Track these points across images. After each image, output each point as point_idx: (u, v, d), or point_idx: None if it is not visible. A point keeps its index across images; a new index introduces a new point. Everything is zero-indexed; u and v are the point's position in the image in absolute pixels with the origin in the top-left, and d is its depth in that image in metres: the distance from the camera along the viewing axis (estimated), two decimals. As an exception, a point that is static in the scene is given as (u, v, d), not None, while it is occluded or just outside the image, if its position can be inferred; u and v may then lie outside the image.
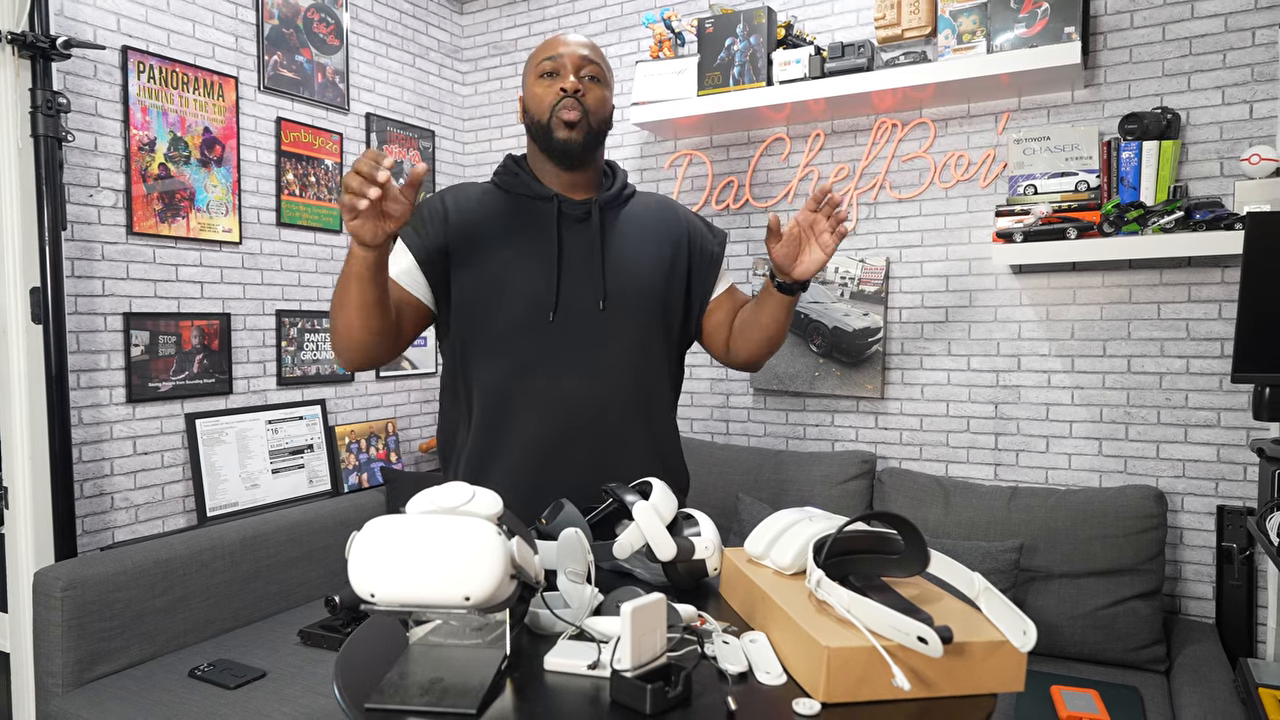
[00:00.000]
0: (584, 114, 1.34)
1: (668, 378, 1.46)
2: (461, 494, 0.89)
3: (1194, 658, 1.80)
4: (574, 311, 1.35)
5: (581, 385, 1.34)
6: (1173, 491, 2.06)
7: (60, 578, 1.79)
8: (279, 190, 2.48)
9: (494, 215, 1.39)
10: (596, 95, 1.36)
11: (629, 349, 1.37)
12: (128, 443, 2.11)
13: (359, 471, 2.70)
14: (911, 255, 2.36)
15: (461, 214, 1.38)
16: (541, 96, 1.35)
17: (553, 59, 1.35)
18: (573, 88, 1.33)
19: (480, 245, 1.36)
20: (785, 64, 2.31)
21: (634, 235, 1.42)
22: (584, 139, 1.35)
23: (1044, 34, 2.01)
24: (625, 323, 1.37)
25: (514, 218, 1.38)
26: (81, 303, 2.01)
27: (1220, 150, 1.99)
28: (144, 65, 2.12)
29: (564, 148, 1.35)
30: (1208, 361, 2.02)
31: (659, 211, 1.47)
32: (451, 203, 1.39)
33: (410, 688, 0.84)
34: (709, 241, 1.50)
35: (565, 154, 1.36)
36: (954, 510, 2.08)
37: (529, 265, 1.35)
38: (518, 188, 1.40)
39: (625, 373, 1.37)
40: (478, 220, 1.37)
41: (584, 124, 1.34)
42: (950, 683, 0.83)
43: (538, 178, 1.41)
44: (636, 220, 1.44)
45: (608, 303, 1.36)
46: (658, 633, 0.85)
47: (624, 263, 1.39)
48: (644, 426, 1.40)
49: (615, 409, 1.36)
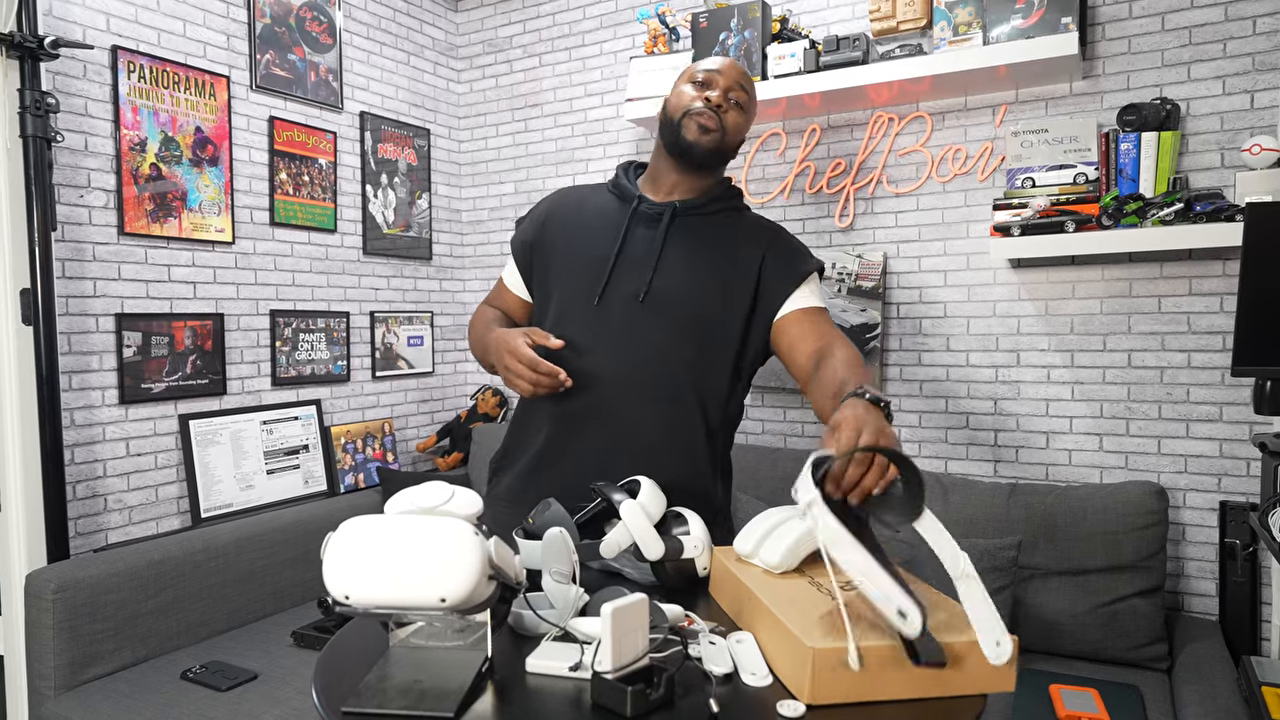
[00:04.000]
0: (720, 129, 1.40)
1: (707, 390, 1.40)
2: (440, 494, 0.87)
3: (1196, 656, 1.78)
4: (617, 301, 1.39)
5: (609, 367, 1.37)
6: (1174, 487, 2.04)
7: (52, 580, 1.78)
8: (272, 190, 2.47)
9: (582, 206, 1.50)
10: (736, 118, 1.42)
11: (661, 344, 1.38)
12: (120, 444, 2.10)
13: (355, 472, 2.68)
14: (909, 250, 2.34)
15: (555, 210, 1.52)
16: (683, 95, 1.42)
17: (708, 71, 1.42)
18: (717, 102, 1.39)
19: (558, 237, 1.48)
20: (780, 58, 2.29)
21: (702, 244, 1.42)
22: (710, 148, 1.40)
23: (1041, 25, 1.99)
24: (662, 320, 1.39)
25: (599, 214, 1.47)
26: (73, 304, 2.00)
27: (1221, 141, 1.97)
28: (134, 65, 2.11)
29: (690, 147, 1.39)
30: (1209, 355, 2.00)
31: (745, 231, 1.45)
32: (553, 200, 1.55)
33: (389, 690, 0.83)
34: (790, 263, 1.44)
35: (688, 154, 1.40)
36: (953, 507, 2.06)
37: (591, 254, 1.43)
38: (613, 187, 1.50)
39: (653, 365, 1.38)
40: (564, 215, 1.50)
41: (719, 138, 1.40)
42: (938, 683, 0.81)
43: (648, 179, 1.49)
44: (713, 233, 1.44)
45: (649, 297, 1.38)
46: (640, 634, 0.83)
47: (679, 264, 1.40)
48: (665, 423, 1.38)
49: (636, 396, 1.37)
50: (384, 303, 2.85)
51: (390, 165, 2.86)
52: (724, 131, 1.40)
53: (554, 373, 1.26)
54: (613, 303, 1.39)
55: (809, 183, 2.47)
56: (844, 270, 2.40)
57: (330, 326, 2.65)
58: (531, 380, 1.26)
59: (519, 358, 1.27)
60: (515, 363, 1.27)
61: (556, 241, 1.48)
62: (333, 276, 2.67)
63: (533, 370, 1.26)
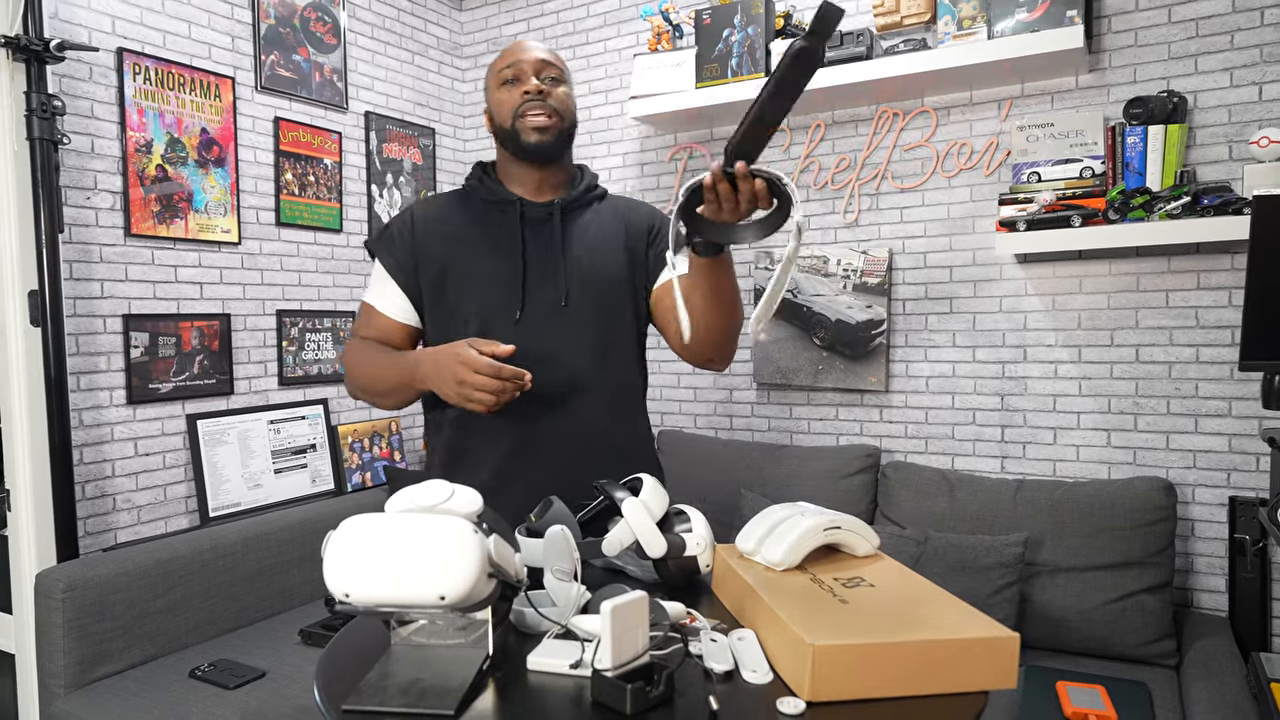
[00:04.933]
0: (552, 113, 1.37)
1: (636, 372, 1.47)
2: (440, 492, 0.87)
3: (1205, 652, 1.77)
4: (539, 311, 1.36)
5: (549, 381, 1.34)
6: (1183, 483, 2.03)
7: (61, 579, 1.79)
8: (278, 190, 2.48)
9: (459, 222, 1.42)
10: (561, 92, 1.39)
11: (593, 344, 1.38)
12: (129, 444, 2.12)
13: (362, 470, 2.69)
14: (914, 246, 2.33)
15: (427, 225, 1.42)
16: (505, 102, 1.38)
17: (512, 66, 1.38)
18: (536, 89, 1.35)
19: (446, 253, 1.39)
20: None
21: (596, 235, 1.43)
22: (554, 138, 1.38)
23: (1046, 18, 1.98)
24: (588, 319, 1.38)
25: (479, 223, 1.41)
26: (80, 305, 2.02)
27: (1229, 133, 1.95)
28: (139, 67, 2.12)
29: (536, 149, 1.37)
30: (1218, 350, 1.98)
31: (625, 212, 1.47)
32: (419, 216, 1.43)
33: (389, 688, 0.83)
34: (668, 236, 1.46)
35: (538, 154, 1.38)
36: (959, 504, 2.05)
37: (495, 268, 1.37)
38: (482, 193, 1.43)
39: (591, 367, 1.38)
40: (443, 229, 1.41)
41: (556, 123, 1.37)
42: (939, 680, 0.81)
43: (503, 182, 1.44)
44: (600, 221, 1.45)
45: (570, 300, 1.37)
46: (640, 631, 0.83)
47: (585, 261, 1.40)
48: (613, 419, 1.41)
49: (583, 403, 1.37)
50: (390, 302, 2.85)
51: (395, 165, 2.87)
52: (557, 114, 1.37)
53: (519, 374, 1.17)
54: (535, 313, 1.36)
55: (814, 179, 2.46)
56: (849, 266, 2.39)
57: (336, 326, 2.66)
58: (496, 389, 1.15)
59: (477, 367, 1.15)
60: (475, 375, 1.15)
61: (444, 257, 1.38)
62: (338, 276, 2.68)
63: (497, 378, 1.15)
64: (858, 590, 0.95)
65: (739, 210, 1.05)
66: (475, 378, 1.15)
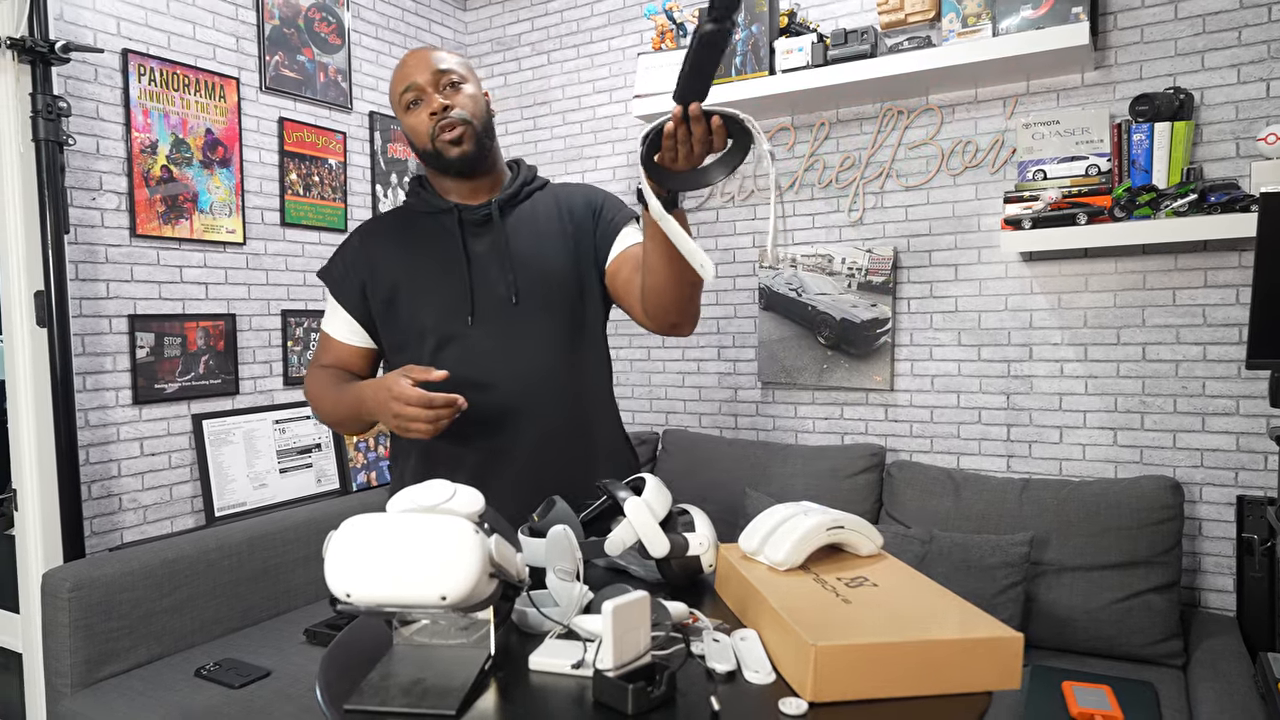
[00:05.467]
0: (464, 122, 1.34)
1: (596, 359, 1.46)
2: (442, 492, 0.87)
3: (1212, 652, 1.76)
4: (490, 312, 1.36)
5: (509, 380, 1.34)
6: (1190, 482, 2.01)
7: (67, 579, 1.80)
8: (282, 190, 2.48)
9: (401, 236, 1.42)
10: (465, 96, 1.36)
11: (549, 338, 1.38)
12: (135, 444, 2.12)
13: (367, 470, 2.70)
14: (919, 244, 2.32)
15: (370, 242, 1.43)
16: (416, 128, 1.37)
17: (410, 89, 1.35)
18: (439, 106, 1.33)
19: (392, 271, 1.40)
20: (788, 52, 2.27)
21: (539, 227, 1.42)
22: (475, 146, 1.36)
23: (1051, 15, 1.97)
24: (541, 313, 1.38)
25: (421, 235, 1.41)
26: (86, 305, 2.02)
27: (1236, 130, 1.94)
28: (144, 68, 2.13)
29: (460, 163, 1.36)
30: (1225, 348, 1.97)
31: (565, 198, 1.46)
32: (363, 240, 1.44)
33: (391, 688, 0.83)
34: (616, 211, 1.45)
35: (464, 166, 1.37)
36: (964, 503, 2.05)
37: (441, 276, 1.38)
38: (420, 205, 1.43)
39: (550, 362, 1.37)
40: (387, 249, 1.41)
41: (469, 131, 1.35)
42: (942, 680, 0.81)
43: (440, 193, 1.44)
44: (540, 212, 1.44)
45: (520, 297, 1.37)
46: (642, 631, 0.83)
47: (531, 256, 1.39)
48: (578, 411, 1.40)
49: (545, 399, 1.36)
50: (395, 302, 2.86)
51: (400, 165, 2.87)
52: (469, 123, 1.34)
53: (451, 401, 1.17)
54: (487, 315, 1.36)
55: (818, 177, 2.46)
56: (854, 265, 2.38)
57: (341, 326, 2.66)
58: (430, 419, 1.16)
59: (408, 400, 1.15)
60: (406, 408, 1.16)
61: (392, 275, 1.39)
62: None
63: (429, 408, 1.16)
64: (861, 590, 0.95)
65: (694, 154, 1.05)
66: (407, 410, 1.16)
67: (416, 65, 1.35)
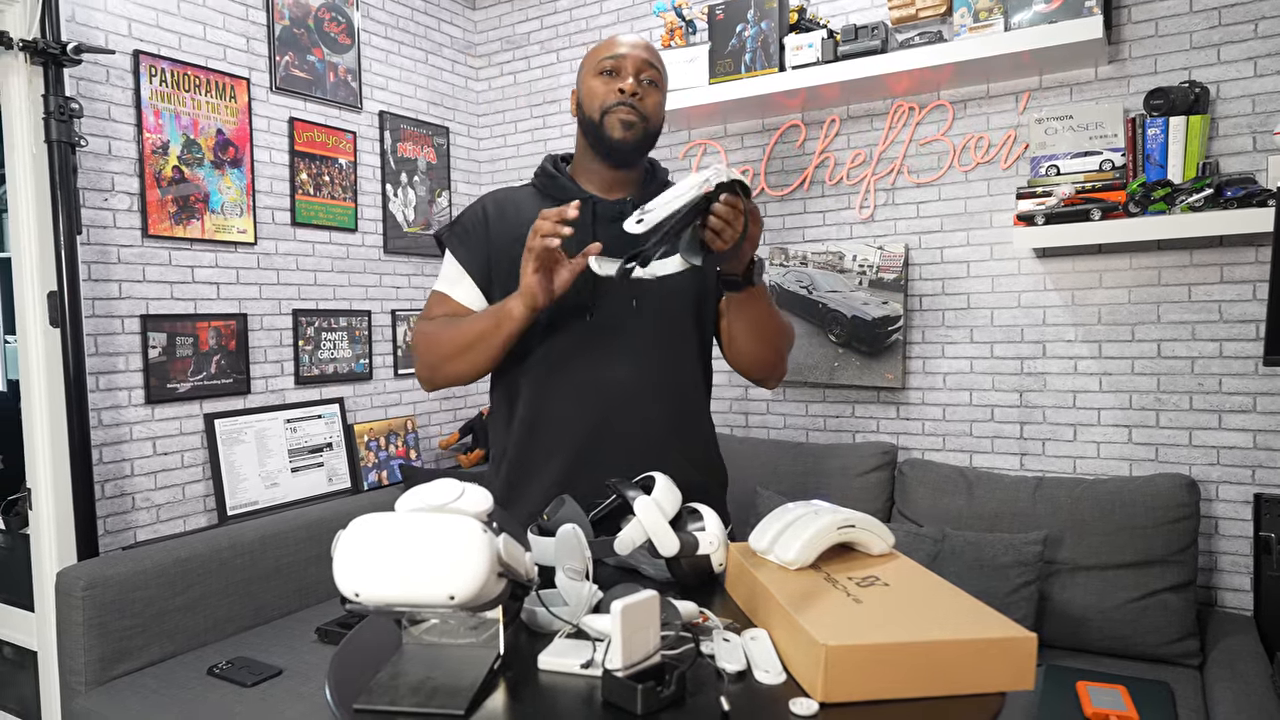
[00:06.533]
0: (641, 118, 1.35)
1: (700, 375, 1.46)
2: (450, 491, 0.87)
3: (1229, 652, 1.74)
4: (609, 311, 1.36)
5: (617, 379, 1.35)
6: (1206, 480, 1.99)
7: (81, 577, 1.81)
8: (293, 190, 2.49)
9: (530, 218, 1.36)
10: (654, 100, 1.38)
11: (662, 345, 1.38)
12: (147, 443, 2.13)
13: (379, 469, 2.70)
14: (931, 241, 2.31)
15: (501, 221, 1.41)
16: (598, 92, 1.36)
17: (614, 58, 1.36)
18: (632, 89, 1.34)
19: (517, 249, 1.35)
20: (797, 49, 2.26)
21: None
22: (635, 142, 1.36)
23: (1064, 9, 1.95)
24: (658, 320, 1.38)
25: None
26: (99, 305, 2.03)
27: (1253, 124, 1.91)
28: (156, 69, 2.14)
29: (617, 147, 1.36)
30: (1242, 345, 1.95)
31: None
32: (492, 209, 1.42)
33: (400, 688, 0.83)
34: None
35: (616, 153, 1.37)
36: (977, 502, 2.03)
37: None
38: (554, 190, 1.42)
39: (659, 369, 1.37)
40: (514, 225, 1.38)
41: (640, 128, 1.36)
42: (954, 681, 0.80)
43: (574, 178, 1.43)
44: None
45: (641, 301, 1.36)
46: (651, 631, 0.83)
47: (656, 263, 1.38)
48: (680, 420, 1.41)
49: (650, 403, 1.36)
50: (405, 301, 2.87)
51: (410, 164, 2.88)
52: (646, 120, 1.36)
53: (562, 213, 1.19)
54: (606, 313, 1.36)
55: (829, 174, 2.44)
56: (865, 262, 2.37)
57: (352, 325, 2.67)
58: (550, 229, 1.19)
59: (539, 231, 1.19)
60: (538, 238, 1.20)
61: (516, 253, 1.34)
62: (354, 275, 2.69)
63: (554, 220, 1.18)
64: (872, 589, 0.94)
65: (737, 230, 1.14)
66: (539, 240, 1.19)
67: (632, 45, 1.37)
